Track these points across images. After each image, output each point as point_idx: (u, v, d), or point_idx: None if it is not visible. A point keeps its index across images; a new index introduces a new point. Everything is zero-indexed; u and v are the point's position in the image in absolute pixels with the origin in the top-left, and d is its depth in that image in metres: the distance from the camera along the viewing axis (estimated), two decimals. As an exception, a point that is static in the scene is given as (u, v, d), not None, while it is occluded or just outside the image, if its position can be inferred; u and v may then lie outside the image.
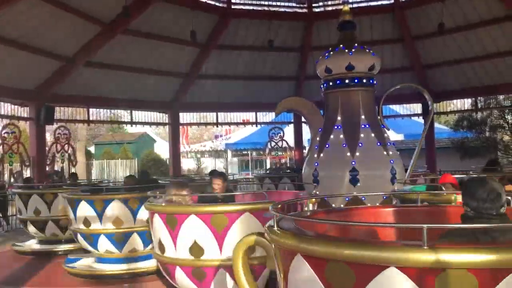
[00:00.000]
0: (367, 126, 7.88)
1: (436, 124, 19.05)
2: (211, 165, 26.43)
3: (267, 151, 17.68)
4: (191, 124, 18.64)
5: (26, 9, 10.57)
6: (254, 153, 28.84)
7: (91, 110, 15.35)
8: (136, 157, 26.77)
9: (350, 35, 8.47)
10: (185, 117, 17.06)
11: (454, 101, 16.82)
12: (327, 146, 7.96)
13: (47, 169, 13.64)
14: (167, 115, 16.46)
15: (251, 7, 15.23)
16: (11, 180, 12.70)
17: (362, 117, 7.92)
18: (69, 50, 12.57)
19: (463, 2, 13.45)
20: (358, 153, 7.64)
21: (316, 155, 8.03)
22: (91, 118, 15.71)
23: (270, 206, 2.73)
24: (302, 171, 8.54)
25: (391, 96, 8.76)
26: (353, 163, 7.59)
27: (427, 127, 9.07)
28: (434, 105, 14.93)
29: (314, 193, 6.80)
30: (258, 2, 15.34)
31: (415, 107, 18.28)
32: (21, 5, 10.32)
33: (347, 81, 8.06)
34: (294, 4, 15.56)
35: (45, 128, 13.86)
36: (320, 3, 15.56)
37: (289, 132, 17.85)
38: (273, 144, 17.19)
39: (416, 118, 18.62)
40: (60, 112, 14.13)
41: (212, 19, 14.53)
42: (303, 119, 14.02)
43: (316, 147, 8.13)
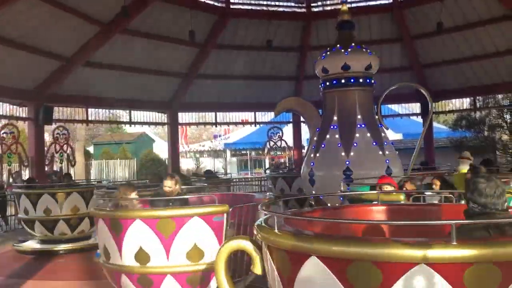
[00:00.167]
0: (363, 126, 7.89)
1: (435, 124, 19.09)
2: (210, 165, 26.41)
3: (266, 151, 17.68)
4: (190, 124, 18.66)
5: (25, 9, 10.58)
6: (253, 153, 28.83)
7: (90, 110, 15.33)
8: (135, 157, 26.72)
9: (349, 35, 8.49)
10: (184, 117, 17.06)
11: (453, 101, 16.84)
12: (323, 146, 8.00)
13: (46, 169, 13.63)
14: (166, 115, 16.45)
15: (250, 7, 15.23)
16: (10, 181, 12.68)
17: (359, 117, 7.94)
18: (68, 50, 12.56)
19: (462, 2, 13.44)
20: (353, 153, 7.68)
21: (313, 155, 8.08)
22: (90, 118, 15.68)
23: (260, 206, 2.68)
24: (301, 171, 8.56)
25: (390, 96, 8.75)
26: (348, 163, 7.62)
27: (427, 126, 9.08)
28: (433, 105, 14.92)
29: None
30: (257, 2, 15.34)
31: (414, 107, 18.28)
32: (20, 5, 10.32)
33: (344, 81, 8.10)
34: (293, 4, 15.55)
35: (44, 128, 13.81)
36: (319, 3, 15.57)
37: (288, 132, 17.86)
38: (272, 144, 17.20)
39: (415, 118, 18.59)
40: (59, 112, 14.12)
41: (211, 19, 14.52)
42: (302, 119, 14.02)
43: (313, 147, 8.15)
